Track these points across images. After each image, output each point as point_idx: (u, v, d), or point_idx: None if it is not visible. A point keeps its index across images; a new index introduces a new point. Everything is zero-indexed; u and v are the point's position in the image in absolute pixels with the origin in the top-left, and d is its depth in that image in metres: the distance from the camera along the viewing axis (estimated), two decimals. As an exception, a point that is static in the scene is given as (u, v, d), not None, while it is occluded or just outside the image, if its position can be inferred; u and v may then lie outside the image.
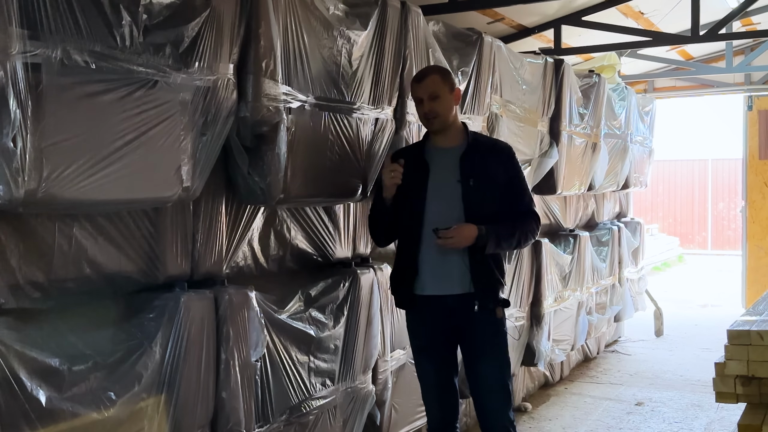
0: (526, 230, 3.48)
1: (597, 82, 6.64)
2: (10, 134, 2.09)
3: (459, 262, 3.37)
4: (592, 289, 6.91)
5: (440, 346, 3.49)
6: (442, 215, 3.36)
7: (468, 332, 3.44)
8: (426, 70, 3.59)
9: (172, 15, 2.60)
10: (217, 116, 2.82)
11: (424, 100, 3.41)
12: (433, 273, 3.39)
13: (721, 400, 3.44)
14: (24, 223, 2.37)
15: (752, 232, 10.92)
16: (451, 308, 3.40)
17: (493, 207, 3.42)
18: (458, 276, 3.37)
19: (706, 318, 10.18)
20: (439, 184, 3.42)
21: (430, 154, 3.49)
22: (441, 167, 3.44)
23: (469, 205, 3.37)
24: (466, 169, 3.41)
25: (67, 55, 2.23)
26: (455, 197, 3.39)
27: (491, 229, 3.33)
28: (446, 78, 3.48)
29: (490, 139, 3.91)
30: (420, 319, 3.51)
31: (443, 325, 3.44)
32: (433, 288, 3.40)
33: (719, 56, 10.44)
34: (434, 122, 3.43)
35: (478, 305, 3.38)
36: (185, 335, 2.73)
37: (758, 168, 10.85)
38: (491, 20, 6.99)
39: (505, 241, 3.41)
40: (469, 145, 3.47)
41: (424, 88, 3.41)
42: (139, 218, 2.73)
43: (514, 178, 3.52)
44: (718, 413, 5.68)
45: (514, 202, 3.50)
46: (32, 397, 2.23)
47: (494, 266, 3.44)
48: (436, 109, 3.40)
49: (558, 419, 5.68)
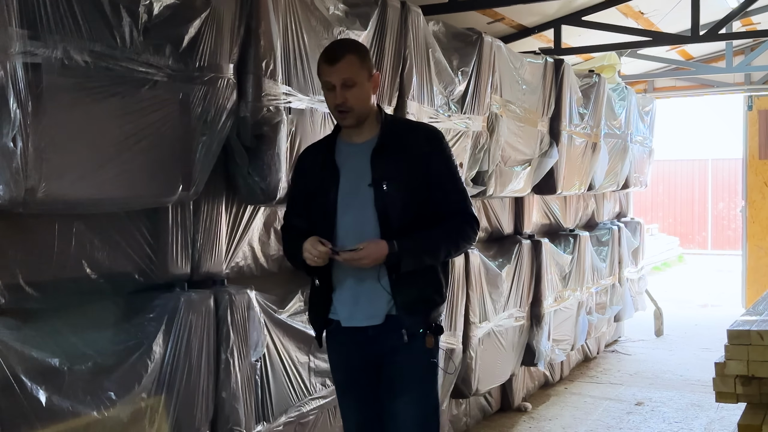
0: (456, 238, 2.80)
1: (597, 82, 6.64)
2: (10, 134, 2.09)
3: (376, 285, 2.74)
4: (592, 289, 6.91)
5: (363, 381, 2.88)
6: (355, 229, 2.74)
7: (389, 365, 2.81)
8: (338, 47, 2.77)
9: (172, 15, 2.61)
10: (217, 116, 2.82)
11: (336, 87, 2.70)
12: (349, 299, 2.79)
13: (721, 400, 3.43)
14: (24, 223, 2.37)
15: (752, 232, 10.92)
16: (372, 339, 2.80)
17: (415, 212, 2.76)
18: (377, 301, 2.76)
19: (706, 318, 10.18)
20: (349, 190, 2.77)
21: (341, 152, 2.83)
22: (352, 169, 2.79)
23: (385, 214, 2.72)
24: (378, 169, 2.74)
25: (67, 55, 2.23)
26: (368, 205, 2.74)
27: (404, 244, 2.68)
28: (365, 60, 2.76)
29: (410, 124, 3.07)
30: (339, 351, 2.91)
31: (365, 357, 2.84)
32: (350, 317, 2.80)
33: (719, 56, 10.44)
34: (347, 117, 2.74)
35: (407, 333, 2.76)
36: (185, 335, 2.73)
37: (758, 168, 10.85)
38: (491, 20, 6.99)
39: (428, 253, 2.75)
40: (381, 137, 2.78)
41: (337, 72, 2.69)
42: (139, 218, 2.73)
43: (442, 169, 2.81)
44: (718, 413, 5.68)
45: (443, 202, 2.81)
46: (32, 397, 2.23)
47: (425, 283, 2.79)
48: (351, 100, 2.71)
49: (558, 419, 5.68)
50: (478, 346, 4.83)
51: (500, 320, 5.20)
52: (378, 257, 2.67)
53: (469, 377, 4.78)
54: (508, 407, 5.74)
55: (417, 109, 4.00)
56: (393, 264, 2.71)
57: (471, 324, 4.75)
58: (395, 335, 2.77)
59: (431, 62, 4.18)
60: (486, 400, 5.53)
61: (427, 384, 2.84)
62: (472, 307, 4.75)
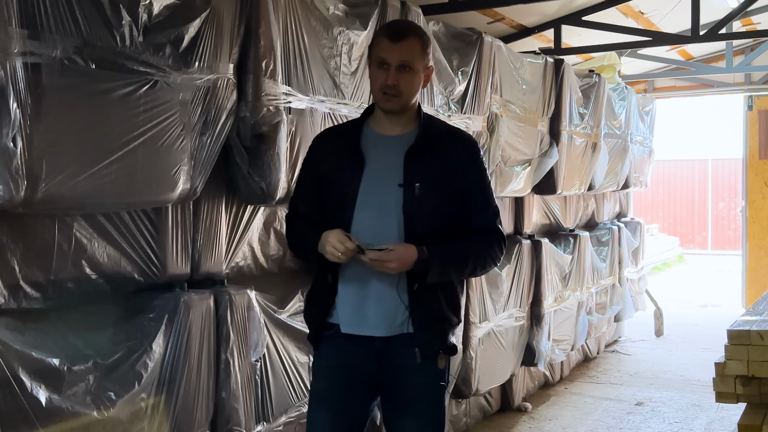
0: (485, 255, 2.61)
1: (597, 82, 6.64)
2: (10, 134, 2.09)
3: (392, 293, 2.52)
4: (592, 289, 6.91)
5: (350, 394, 2.62)
6: (374, 229, 2.52)
7: (395, 384, 2.59)
8: (405, 26, 2.64)
9: (172, 15, 2.61)
10: (217, 116, 2.82)
11: (392, 66, 2.50)
12: (355, 303, 2.56)
13: (721, 400, 3.43)
14: (24, 223, 2.37)
15: (752, 232, 10.92)
16: (377, 352, 2.56)
17: (444, 222, 2.57)
18: (391, 311, 2.53)
19: (706, 318, 10.18)
20: (374, 185, 2.55)
21: (369, 142, 2.60)
22: (380, 163, 2.57)
23: (411, 218, 2.51)
24: (413, 168, 2.54)
25: (67, 55, 2.23)
26: (393, 206, 2.53)
27: (435, 252, 2.49)
28: (426, 48, 2.58)
29: (449, 128, 2.79)
30: (332, 358, 2.62)
31: (362, 371, 2.59)
32: (355, 324, 2.56)
33: (719, 56, 10.44)
34: (393, 101, 2.53)
35: (420, 353, 2.55)
36: (185, 335, 2.73)
37: (758, 168, 10.85)
38: (491, 20, 6.99)
39: (455, 268, 2.57)
40: (419, 136, 2.57)
41: (398, 50, 2.50)
42: (139, 218, 2.73)
43: (478, 183, 2.63)
44: (718, 413, 5.68)
45: (474, 216, 2.61)
46: (32, 397, 2.23)
47: (444, 299, 2.59)
48: (403, 84, 2.51)
49: (558, 419, 5.68)
50: (478, 346, 4.83)
51: (500, 320, 5.20)
52: (406, 262, 2.46)
53: (469, 377, 4.78)
54: (508, 407, 5.74)
55: (417, 109, 4.00)
56: (419, 273, 2.49)
57: (471, 324, 4.75)
58: (406, 353, 2.54)
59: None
60: (486, 400, 5.53)
61: (439, 409, 2.65)
62: (472, 307, 4.75)
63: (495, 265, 2.69)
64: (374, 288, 2.53)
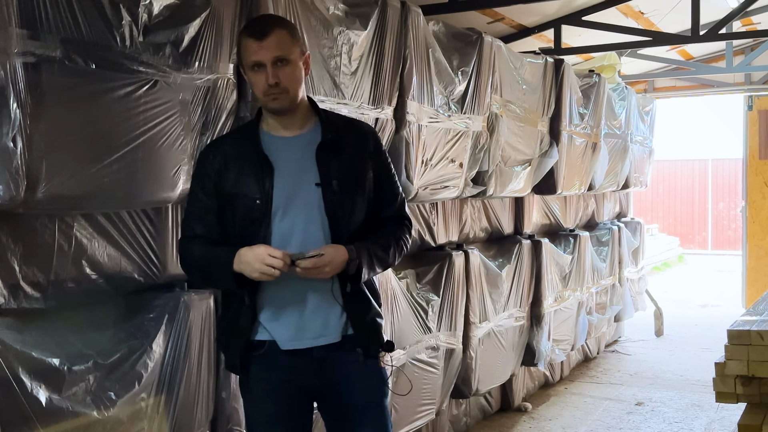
0: (402, 244, 2.57)
1: (597, 82, 6.64)
2: (10, 134, 2.09)
3: (328, 298, 2.43)
4: (592, 289, 6.91)
5: (298, 414, 2.52)
6: (300, 235, 2.41)
7: (340, 393, 2.50)
8: (266, 21, 2.47)
9: (172, 15, 2.61)
10: (217, 116, 2.82)
11: (267, 65, 2.36)
12: (296, 317, 2.43)
13: (721, 400, 3.43)
14: (24, 223, 2.37)
15: (752, 232, 10.92)
16: (317, 363, 2.45)
17: (361, 216, 2.50)
18: (330, 318, 2.45)
19: (706, 318, 10.17)
20: (289, 190, 2.42)
21: (270, 146, 2.46)
22: (289, 165, 2.44)
23: (335, 217, 2.43)
24: (326, 165, 2.44)
25: (67, 55, 2.24)
26: (315, 208, 2.42)
27: (363, 249, 2.42)
28: (295, 36, 2.45)
29: (348, 120, 2.73)
30: (269, 378, 2.47)
31: (302, 386, 2.48)
32: (296, 339, 2.43)
33: (719, 56, 10.44)
34: (281, 98, 2.39)
35: (363, 353, 2.48)
36: (185, 335, 2.73)
37: (758, 168, 10.84)
38: (491, 20, 6.99)
39: (380, 262, 2.50)
40: (324, 131, 2.49)
41: (267, 48, 2.35)
42: (139, 218, 2.73)
43: (385, 172, 2.58)
44: (718, 413, 5.68)
45: (385, 206, 2.57)
46: (32, 397, 2.23)
47: (372, 295, 2.53)
48: (285, 80, 2.37)
49: (558, 419, 5.68)
50: (478, 346, 4.83)
51: (500, 320, 5.20)
52: (339, 264, 2.36)
53: (469, 377, 4.78)
54: (508, 407, 5.74)
55: (417, 109, 4.00)
56: (352, 273, 2.41)
57: (471, 324, 4.75)
58: (349, 356, 2.47)
59: (431, 62, 4.18)
60: (486, 400, 5.53)
61: (386, 409, 2.57)
62: (472, 307, 4.75)
63: (406, 251, 2.63)
64: (309, 297, 2.43)
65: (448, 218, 4.87)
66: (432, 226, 4.65)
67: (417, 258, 4.48)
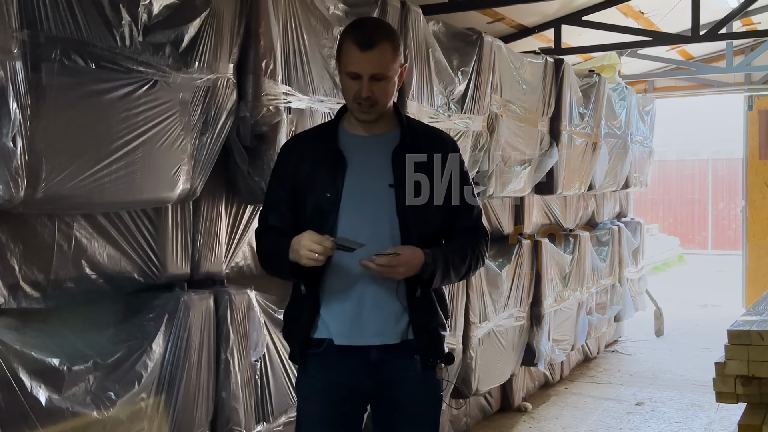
0: (478, 255, 2.53)
1: (597, 82, 6.64)
2: (10, 134, 2.09)
3: (392, 299, 2.39)
4: (592, 289, 6.91)
5: (347, 415, 2.48)
6: (366, 233, 2.36)
7: (392, 397, 2.45)
8: (375, 31, 2.37)
9: (172, 15, 2.61)
10: (217, 116, 2.82)
11: (364, 78, 2.33)
12: (354, 313, 2.39)
13: (721, 400, 3.43)
14: (24, 223, 2.37)
15: (752, 232, 10.92)
16: (372, 365, 2.41)
17: (435, 223, 2.47)
18: (390, 319, 2.40)
19: (706, 318, 10.18)
20: (360, 187, 2.41)
21: (348, 144, 2.46)
22: (364, 164, 2.44)
23: (405, 219, 2.40)
24: (403, 168, 2.43)
25: (67, 55, 2.23)
26: (385, 208, 2.40)
27: (439, 255, 2.38)
28: (398, 50, 2.39)
29: (428, 127, 2.70)
30: (322, 378, 2.44)
31: (355, 388, 2.44)
32: (351, 335, 2.40)
33: (719, 56, 10.43)
34: (370, 111, 2.39)
35: (421, 362, 2.42)
36: (185, 335, 2.73)
37: (758, 168, 10.84)
38: (491, 20, 6.98)
39: (455, 271, 2.45)
40: (404, 135, 2.47)
41: (369, 61, 2.32)
42: (139, 218, 2.73)
43: (463, 183, 2.55)
44: (718, 413, 5.68)
45: (462, 216, 2.54)
46: (32, 397, 2.23)
47: (440, 304, 2.49)
48: (378, 95, 2.36)
49: (558, 419, 5.68)
50: (478, 346, 4.83)
51: (500, 320, 5.20)
52: (414, 267, 2.33)
53: (469, 377, 4.78)
54: (508, 407, 5.74)
55: (417, 109, 4.00)
56: (425, 278, 2.37)
57: (471, 324, 4.75)
58: (405, 363, 2.42)
59: (431, 62, 4.18)
60: (486, 400, 5.53)
61: (437, 422, 2.53)
62: (472, 307, 4.75)
63: (483, 264, 2.61)
64: (371, 294, 2.39)
65: (448, 218, 4.86)
66: (432, 226, 4.64)
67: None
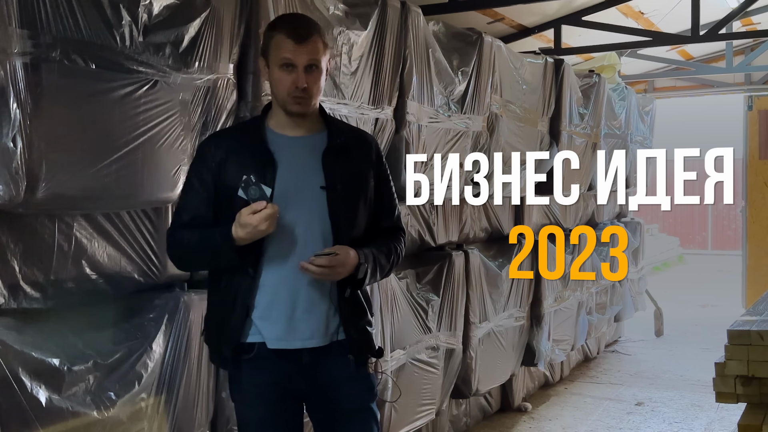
0: (399, 255, 2.56)
1: (597, 82, 6.64)
2: (10, 134, 2.09)
3: (324, 300, 2.39)
4: (592, 289, 6.91)
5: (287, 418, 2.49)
6: (296, 236, 2.36)
7: (329, 398, 2.47)
8: (306, 25, 2.41)
9: (172, 15, 2.61)
10: (217, 116, 2.82)
11: (299, 68, 2.33)
12: (288, 316, 2.37)
13: (721, 400, 3.43)
14: (24, 223, 2.37)
15: (752, 232, 10.92)
16: (306, 367, 2.41)
17: (363, 224, 2.48)
18: (324, 320, 2.40)
19: (706, 318, 10.17)
20: (292, 188, 2.37)
21: (275, 143, 2.41)
22: (294, 165, 2.40)
23: (337, 221, 2.40)
24: (332, 169, 2.42)
25: (67, 55, 2.24)
26: (317, 210, 2.39)
27: (369, 255, 2.41)
28: (327, 45, 2.42)
29: (351, 127, 2.74)
30: (259, 382, 2.42)
31: (290, 390, 2.44)
32: (285, 339, 2.37)
33: (719, 56, 10.43)
34: (304, 104, 2.37)
35: (355, 360, 2.45)
36: (185, 335, 2.73)
37: (758, 168, 10.84)
38: (491, 20, 6.98)
39: (380, 269, 2.47)
40: (331, 136, 2.46)
41: (305, 51, 2.33)
42: (139, 218, 2.73)
43: (385, 183, 2.56)
44: (718, 413, 5.68)
45: (385, 216, 2.56)
46: (32, 397, 2.23)
47: (365, 301, 2.50)
48: (312, 86, 2.36)
49: (558, 419, 5.68)
50: (478, 346, 4.83)
51: (500, 320, 5.20)
52: (351, 267, 2.35)
53: (469, 377, 4.78)
54: (508, 407, 5.74)
55: (417, 109, 4.01)
56: (360, 277, 2.38)
57: (471, 324, 4.75)
58: (339, 362, 2.43)
59: (431, 62, 4.18)
60: (486, 400, 5.53)
61: (374, 411, 2.53)
62: (472, 307, 4.75)
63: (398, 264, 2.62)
64: (304, 296, 2.38)
65: (448, 218, 4.86)
66: (432, 226, 4.65)
67: (417, 258, 4.48)
